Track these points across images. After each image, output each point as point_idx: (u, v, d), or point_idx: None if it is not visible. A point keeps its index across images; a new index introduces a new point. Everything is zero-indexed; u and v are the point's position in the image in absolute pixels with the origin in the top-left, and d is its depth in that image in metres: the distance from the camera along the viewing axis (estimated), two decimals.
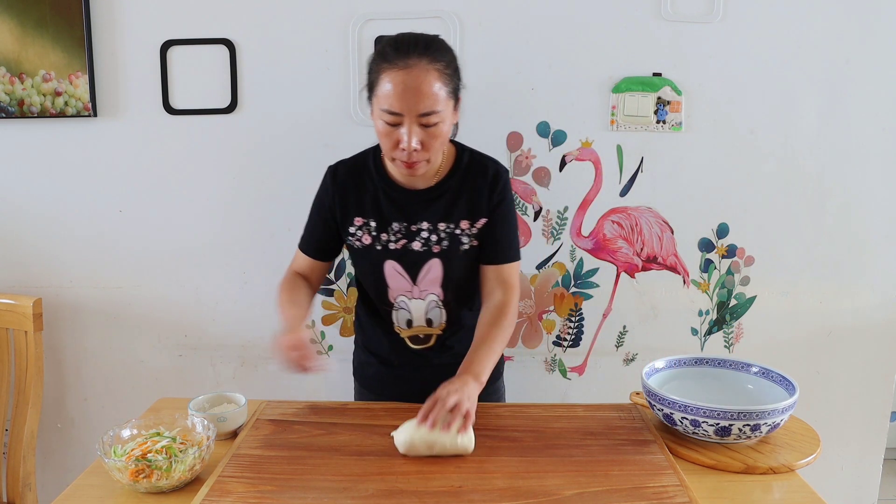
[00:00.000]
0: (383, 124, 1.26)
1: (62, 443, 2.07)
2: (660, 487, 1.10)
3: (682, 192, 1.85)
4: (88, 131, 1.87)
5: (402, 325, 1.47)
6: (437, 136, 1.26)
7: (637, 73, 1.79)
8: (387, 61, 1.24)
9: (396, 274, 1.42)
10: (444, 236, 1.39)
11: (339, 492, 1.10)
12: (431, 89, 1.22)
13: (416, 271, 1.41)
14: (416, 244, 1.39)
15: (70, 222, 1.93)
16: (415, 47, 1.23)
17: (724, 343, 1.95)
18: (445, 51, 1.28)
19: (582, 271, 1.91)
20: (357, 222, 1.41)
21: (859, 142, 1.82)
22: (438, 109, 1.24)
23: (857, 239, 1.87)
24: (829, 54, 1.77)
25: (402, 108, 1.23)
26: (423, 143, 1.25)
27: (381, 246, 1.40)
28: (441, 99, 1.24)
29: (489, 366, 1.33)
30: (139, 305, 1.97)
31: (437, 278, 1.42)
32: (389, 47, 1.25)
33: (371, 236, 1.40)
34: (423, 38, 1.26)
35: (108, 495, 1.13)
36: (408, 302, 1.44)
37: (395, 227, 1.39)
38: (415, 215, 1.39)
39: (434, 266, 1.41)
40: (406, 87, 1.22)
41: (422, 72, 1.22)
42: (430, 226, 1.39)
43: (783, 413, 1.21)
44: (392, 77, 1.22)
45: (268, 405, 1.42)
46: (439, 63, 1.24)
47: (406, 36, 1.27)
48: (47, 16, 1.78)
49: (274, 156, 1.86)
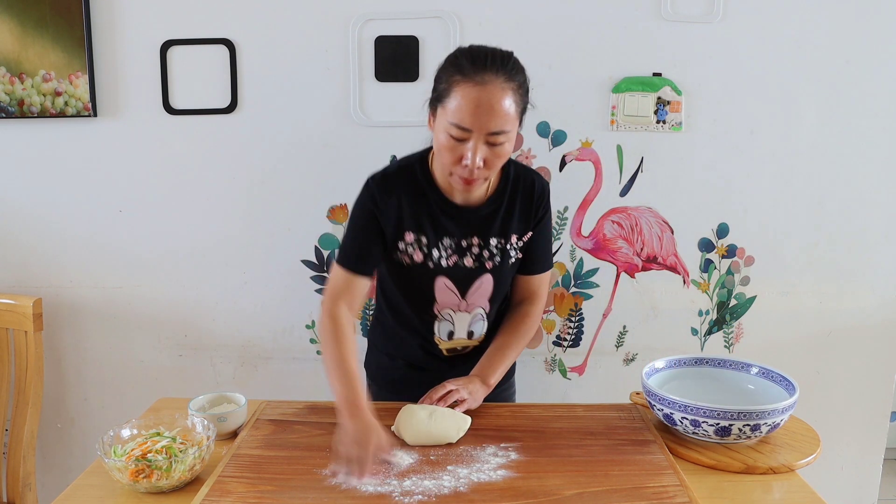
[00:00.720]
0: (448, 138, 1.22)
1: (62, 443, 2.07)
2: (660, 487, 1.10)
3: (682, 192, 1.85)
4: (88, 131, 1.87)
5: (443, 337, 1.45)
6: (501, 155, 1.23)
7: (637, 73, 1.79)
8: (461, 73, 1.19)
9: (446, 289, 1.40)
10: (496, 252, 1.38)
11: (339, 492, 1.10)
12: (504, 108, 1.19)
13: (466, 287, 1.40)
14: (468, 260, 1.37)
15: (70, 222, 1.93)
16: (492, 62, 1.19)
17: (724, 343, 1.95)
18: (520, 69, 1.25)
19: (582, 271, 1.91)
20: (408, 238, 1.36)
21: (859, 141, 1.82)
22: (508, 129, 1.21)
23: (857, 239, 1.87)
24: (829, 54, 1.77)
25: (472, 125, 1.19)
26: (486, 161, 1.22)
27: (433, 263, 1.37)
28: (511, 118, 1.21)
29: (500, 372, 1.37)
30: (139, 305, 1.97)
31: (486, 293, 1.41)
32: (465, 59, 1.21)
33: (422, 253, 1.36)
34: (500, 54, 1.23)
35: (108, 495, 1.13)
36: (453, 314, 1.43)
37: (446, 242, 1.36)
38: (469, 231, 1.36)
39: (485, 281, 1.40)
40: (480, 104, 1.18)
41: (497, 89, 1.18)
42: (480, 241, 1.37)
43: (783, 413, 1.21)
44: (466, 91, 1.18)
45: (268, 405, 1.42)
46: (514, 81, 1.21)
47: (483, 49, 1.23)
48: (47, 16, 1.78)
49: (274, 156, 1.87)
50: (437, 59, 1.76)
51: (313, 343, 1.97)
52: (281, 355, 1.98)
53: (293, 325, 1.96)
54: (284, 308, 1.95)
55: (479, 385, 1.32)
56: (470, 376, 1.34)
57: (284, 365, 1.99)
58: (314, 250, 1.91)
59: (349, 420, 1.17)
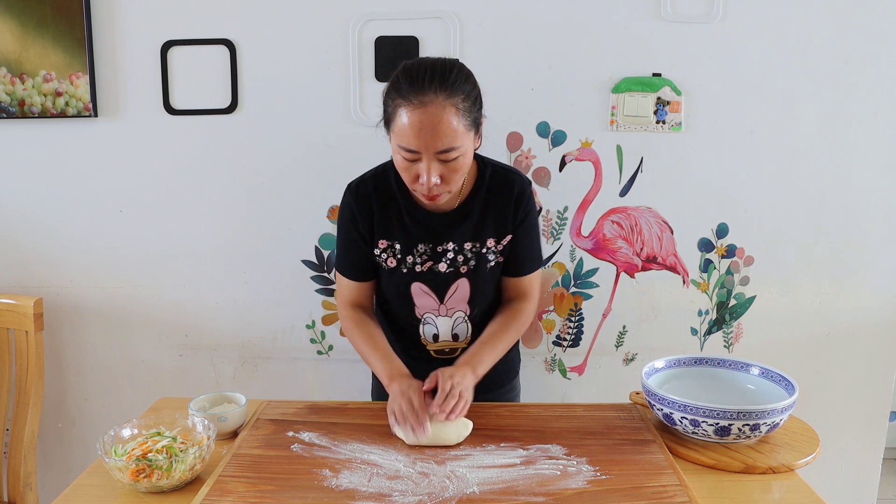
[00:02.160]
0: (401, 159, 1.22)
1: (63, 442, 2.07)
2: (659, 487, 1.11)
3: (682, 192, 1.86)
4: (89, 131, 1.87)
5: (429, 339, 1.47)
6: (457, 169, 1.23)
7: (637, 73, 1.79)
8: (401, 96, 1.18)
9: (423, 294, 1.41)
10: (470, 256, 1.38)
11: (339, 492, 1.10)
12: (449, 126, 1.17)
13: (443, 291, 1.41)
14: (442, 265, 1.38)
15: (71, 222, 1.93)
16: (430, 81, 1.17)
17: (723, 343, 1.95)
18: (463, 80, 1.21)
19: (582, 271, 1.91)
20: (381, 244, 1.38)
21: (859, 142, 1.82)
22: (457, 145, 1.19)
23: (857, 239, 1.88)
24: (829, 54, 1.77)
25: (418, 146, 1.18)
26: (443, 177, 1.22)
27: (406, 269, 1.38)
28: (460, 134, 1.19)
29: (489, 361, 1.34)
30: (139, 305, 1.97)
31: (464, 296, 1.41)
32: (404, 80, 1.19)
33: (396, 259, 1.38)
34: (439, 69, 1.20)
35: (108, 495, 1.13)
36: (435, 318, 1.44)
37: (420, 248, 1.37)
38: (440, 237, 1.36)
39: (461, 285, 1.40)
40: (422, 126, 1.17)
41: (438, 108, 1.16)
42: (455, 246, 1.37)
43: (782, 413, 1.21)
44: (407, 114, 1.17)
45: (268, 405, 1.42)
46: (457, 96, 1.18)
47: (421, 67, 1.20)
48: (48, 16, 1.78)
49: (274, 156, 1.87)
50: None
51: (313, 343, 1.97)
52: (281, 355, 1.99)
53: (293, 325, 1.96)
54: (284, 308, 1.95)
55: (470, 375, 1.29)
56: (458, 365, 1.31)
57: (284, 365, 1.99)
58: (314, 250, 1.91)
59: (397, 383, 1.27)
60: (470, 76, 1.24)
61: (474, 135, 1.25)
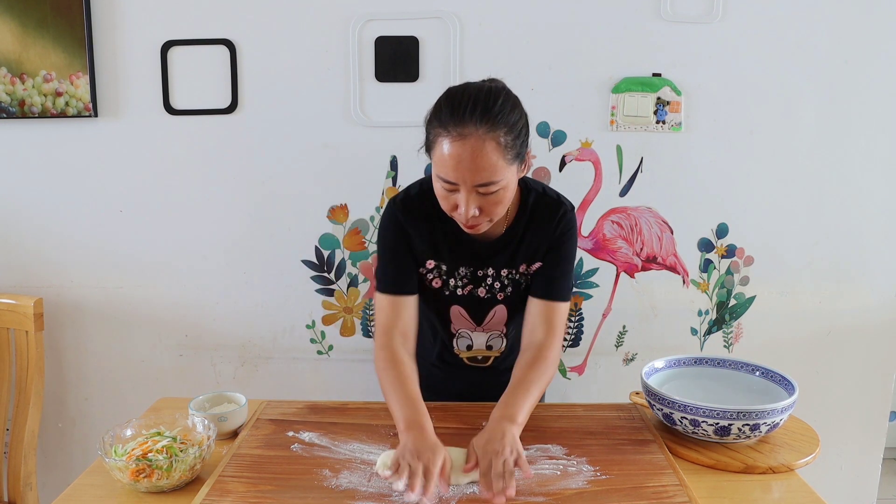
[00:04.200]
0: (440, 187, 1.18)
1: (63, 442, 2.07)
2: (659, 487, 1.11)
3: (682, 192, 1.86)
4: (89, 131, 1.87)
5: (462, 349, 1.45)
6: (497, 202, 1.17)
7: (637, 73, 1.79)
8: (441, 125, 1.14)
9: (461, 317, 1.40)
10: (507, 283, 1.35)
11: (339, 492, 1.10)
12: (489, 161, 1.11)
13: (481, 316, 1.39)
14: (482, 290, 1.35)
15: (71, 222, 1.93)
16: (472, 112, 1.11)
17: (723, 343, 1.95)
18: (508, 111, 1.14)
19: (582, 271, 1.91)
20: (429, 264, 1.34)
21: (859, 141, 1.82)
22: (496, 179, 1.14)
23: (857, 239, 1.88)
24: (829, 54, 1.77)
25: (456, 179, 1.14)
26: (482, 209, 1.17)
27: (448, 291, 1.36)
28: (500, 168, 1.13)
29: (526, 409, 1.20)
30: (140, 305, 1.97)
31: (502, 320, 1.40)
32: (446, 108, 1.14)
33: (441, 280, 1.35)
34: (483, 99, 1.13)
35: (108, 495, 1.13)
36: (470, 334, 1.43)
37: (462, 271, 1.34)
38: (481, 261, 1.34)
39: (499, 311, 1.38)
40: (461, 159, 1.11)
41: (478, 142, 1.11)
42: (494, 272, 1.34)
43: (782, 413, 1.21)
44: (446, 145, 1.12)
45: (268, 405, 1.42)
46: (499, 130, 1.12)
47: (464, 95, 1.15)
48: (48, 16, 1.78)
49: (274, 156, 1.87)
50: (437, 59, 1.79)
51: (313, 343, 1.97)
52: (281, 355, 1.99)
53: (293, 325, 1.96)
54: (284, 308, 1.95)
55: (510, 429, 1.14)
56: (498, 423, 1.16)
57: (284, 365, 1.99)
58: (314, 250, 1.91)
59: (413, 437, 1.12)
60: (516, 105, 1.18)
61: (518, 166, 1.19)
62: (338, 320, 1.96)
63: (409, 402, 1.20)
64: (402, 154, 1.85)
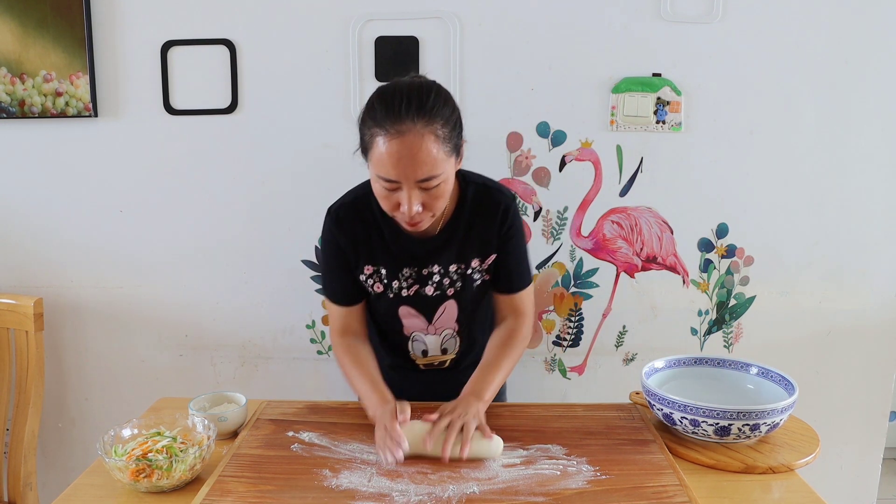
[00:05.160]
0: (380, 187, 1.18)
1: (63, 442, 2.07)
2: (659, 487, 1.11)
3: (682, 192, 1.86)
4: (89, 131, 1.87)
5: (418, 354, 1.46)
6: (438, 196, 1.19)
7: (637, 73, 1.79)
8: (377, 124, 1.14)
9: (411, 316, 1.40)
10: (456, 278, 1.35)
11: (339, 492, 1.10)
12: (429, 155, 1.12)
13: (431, 313, 1.39)
14: (429, 288, 1.36)
15: (71, 222, 1.93)
16: (407, 108, 1.12)
17: (723, 343, 1.95)
18: (441, 104, 1.15)
19: (582, 271, 1.91)
20: (367, 270, 1.35)
21: (859, 141, 1.82)
22: (437, 173, 1.15)
23: (857, 239, 1.88)
24: (829, 55, 1.77)
25: (398, 176, 1.14)
26: (424, 205, 1.18)
27: (392, 293, 1.36)
28: (440, 161, 1.14)
29: (494, 386, 1.29)
30: (140, 305, 1.97)
31: (452, 316, 1.40)
32: (379, 106, 1.15)
33: (382, 284, 1.36)
34: (416, 94, 1.14)
35: (108, 495, 1.13)
36: (423, 336, 1.43)
37: (405, 272, 1.34)
38: (425, 260, 1.34)
39: (449, 307, 1.39)
40: (401, 156, 1.12)
41: (417, 137, 1.11)
42: (441, 269, 1.34)
43: (782, 413, 1.21)
44: (385, 143, 1.13)
45: (268, 405, 1.42)
46: (436, 123, 1.13)
47: (396, 92, 1.15)
48: (48, 16, 1.78)
49: (274, 156, 1.87)
50: (437, 59, 1.79)
51: (313, 343, 1.97)
52: (281, 355, 1.99)
53: (293, 325, 1.96)
54: (284, 308, 1.95)
55: (474, 403, 1.24)
56: (464, 396, 1.26)
57: (284, 365, 1.99)
58: (314, 250, 1.91)
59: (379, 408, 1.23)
60: (449, 98, 1.19)
61: (455, 159, 1.21)
62: None
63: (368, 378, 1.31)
64: None
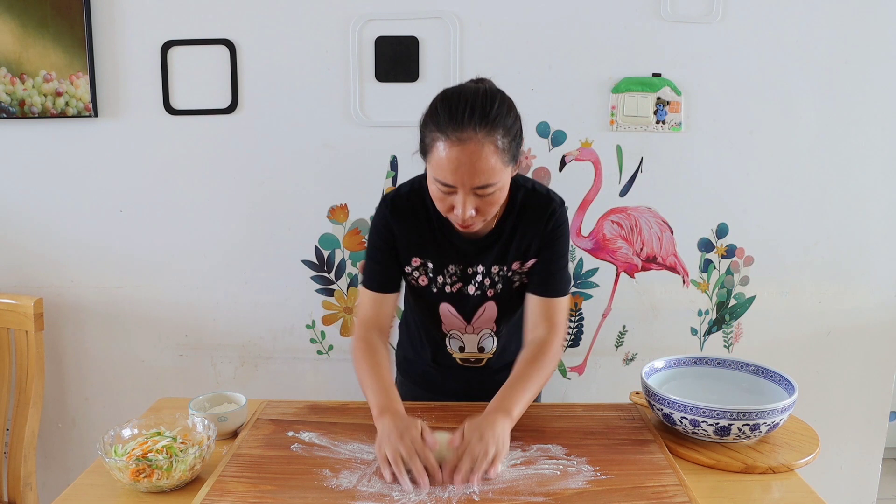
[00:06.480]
0: (437, 190, 1.19)
1: (63, 442, 2.07)
2: (659, 487, 1.11)
3: (682, 192, 1.86)
4: (89, 131, 1.87)
5: (455, 350, 1.46)
6: (493, 202, 1.19)
7: (637, 73, 1.79)
8: (439, 129, 1.14)
9: (450, 315, 1.40)
10: (497, 280, 1.36)
11: (339, 492, 1.10)
12: (488, 164, 1.13)
13: (470, 314, 1.40)
14: (471, 288, 1.36)
15: (71, 222, 1.93)
16: (471, 116, 1.12)
17: (723, 343, 1.95)
18: (505, 114, 1.16)
19: (582, 271, 1.91)
20: (415, 262, 1.35)
21: (859, 142, 1.82)
22: (494, 181, 1.15)
23: (857, 239, 1.88)
24: (829, 54, 1.77)
25: (455, 182, 1.15)
26: (478, 210, 1.18)
27: (437, 288, 1.37)
28: (498, 171, 1.15)
29: (523, 403, 1.23)
30: (140, 305, 1.97)
31: (491, 317, 1.40)
32: (443, 111, 1.14)
33: (428, 278, 1.36)
34: (480, 103, 1.14)
35: (108, 495, 1.13)
36: (461, 335, 1.43)
37: (451, 269, 1.35)
38: (471, 259, 1.34)
39: (489, 308, 1.39)
40: (460, 163, 1.12)
41: (477, 146, 1.12)
42: (484, 269, 1.35)
43: (782, 413, 1.21)
44: (445, 148, 1.13)
45: (268, 405, 1.42)
46: (497, 133, 1.13)
47: (462, 97, 1.15)
48: (48, 16, 1.78)
49: (274, 156, 1.87)
50: (437, 59, 1.79)
51: (313, 343, 1.97)
52: (281, 355, 1.99)
53: (293, 325, 1.96)
54: (284, 308, 1.95)
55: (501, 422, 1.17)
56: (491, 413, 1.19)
57: (284, 365, 1.99)
58: (314, 250, 1.91)
59: (388, 420, 1.16)
60: (512, 108, 1.19)
61: (513, 167, 1.21)
62: (338, 320, 1.96)
63: (382, 389, 1.25)
64: (402, 154, 1.85)
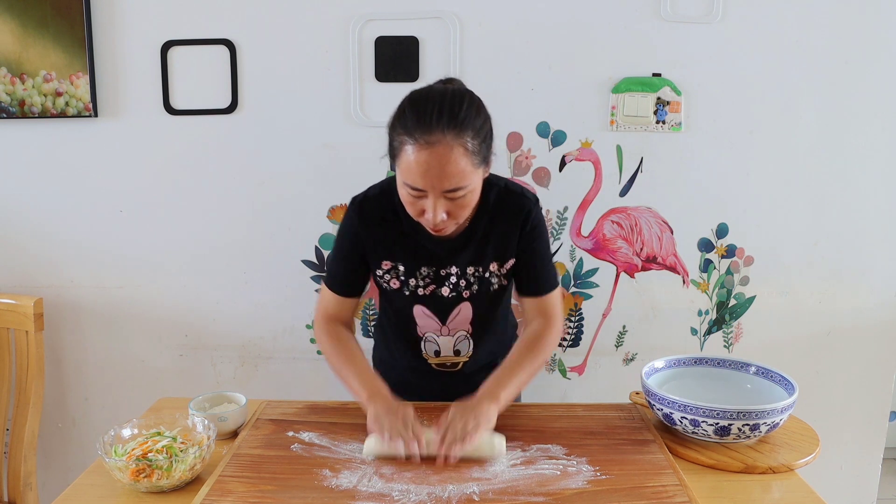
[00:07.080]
0: (406, 194, 1.18)
1: (63, 442, 2.07)
2: (659, 487, 1.11)
3: (682, 192, 1.86)
4: (89, 131, 1.87)
5: (430, 354, 1.45)
6: (465, 205, 1.18)
7: (637, 73, 1.79)
8: (407, 132, 1.12)
9: (425, 316, 1.39)
10: (473, 280, 1.35)
11: (339, 492, 1.10)
12: (457, 166, 1.11)
13: (445, 315, 1.39)
14: (445, 289, 1.35)
15: (71, 222, 1.93)
16: (439, 118, 1.11)
17: (723, 343, 1.95)
18: (473, 115, 1.15)
19: (582, 271, 1.91)
20: (385, 265, 1.34)
21: (859, 142, 1.82)
22: (464, 184, 1.14)
23: (857, 239, 1.88)
24: (829, 55, 1.77)
25: (425, 185, 1.13)
26: (449, 213, 1.18)
27: (409, 291, 1.35)
28: (468, 173, 1.13)
29: (512, 388, 1.26)
30: (140, 305, 1.97)
31: (466, 318, 1.39)
32: (411, 114, 1.13)
33: (399, 281, 1.35)
34: (449, 105, 1.13)
35: (108, 495, 1.13)
36: (437, 337, 1.42)
37: (423, 271, 1.34)
38: (444, 261, 1.33)
39: (464, 308, 1.38)
40: (429, 167, 1.11)
41: (446, 149, 1.10)
42: (458, 270, 1.34)
43: (782, 413, 1.21)
44: (413, 152, 1.11)
45: (268, 405, 1.42)
46: (466, 135, 1.12)
47: (429, 101, 1.14)
48: (48, 16, 1.78)
49: (274, 156, 1.87)
50: (437, 59, 1.79)
51: (313, 343, 1.97)
52: (281, 355, 1.99)
53: (293, 325, 1.96)
54: (284, 308, 1.95)
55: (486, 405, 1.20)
56: (478, 396, 1.23)
57: (284, 365, 1.99)
58: (314, 250, 1.91)
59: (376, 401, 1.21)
60: (481, 109, 1.18)
61: (483, 169, 1.20)
62: None
63: (364, 375, 1.28)
64: None
